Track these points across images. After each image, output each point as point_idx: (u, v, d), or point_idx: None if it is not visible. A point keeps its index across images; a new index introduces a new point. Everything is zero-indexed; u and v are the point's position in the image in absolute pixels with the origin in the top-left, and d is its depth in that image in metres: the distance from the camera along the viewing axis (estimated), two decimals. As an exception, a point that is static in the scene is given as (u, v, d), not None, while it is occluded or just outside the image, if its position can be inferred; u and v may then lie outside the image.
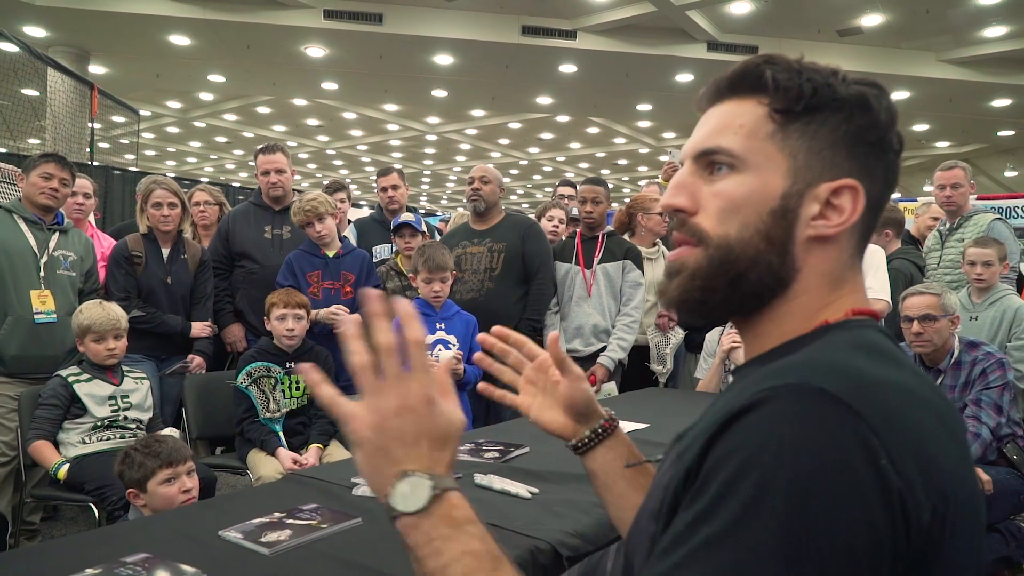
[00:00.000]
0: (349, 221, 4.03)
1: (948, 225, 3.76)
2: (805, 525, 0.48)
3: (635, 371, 3.46)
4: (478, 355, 1.01)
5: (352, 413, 0.64)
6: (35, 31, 8.72)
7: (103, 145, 8.40)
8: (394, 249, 3.52)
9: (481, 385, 1.04)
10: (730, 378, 3.05)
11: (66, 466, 2.34)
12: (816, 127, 0.64)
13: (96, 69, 10.25)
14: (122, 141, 9.37)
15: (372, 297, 0.62)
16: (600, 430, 0.96)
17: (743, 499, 0.50)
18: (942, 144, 13.72)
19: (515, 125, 14.37)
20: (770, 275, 0.65)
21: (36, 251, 2.82)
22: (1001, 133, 12.68)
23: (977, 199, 4.00)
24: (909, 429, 0.52)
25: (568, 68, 9.62)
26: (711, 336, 3.17)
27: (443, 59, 9.43)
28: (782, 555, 0.48)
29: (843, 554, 0.48)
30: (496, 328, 1.01)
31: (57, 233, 2.91)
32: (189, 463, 1.88)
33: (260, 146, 3.49)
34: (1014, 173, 15.45)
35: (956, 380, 2.68)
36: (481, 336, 1.00)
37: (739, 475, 0.50)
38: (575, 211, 3.81)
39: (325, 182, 4.52)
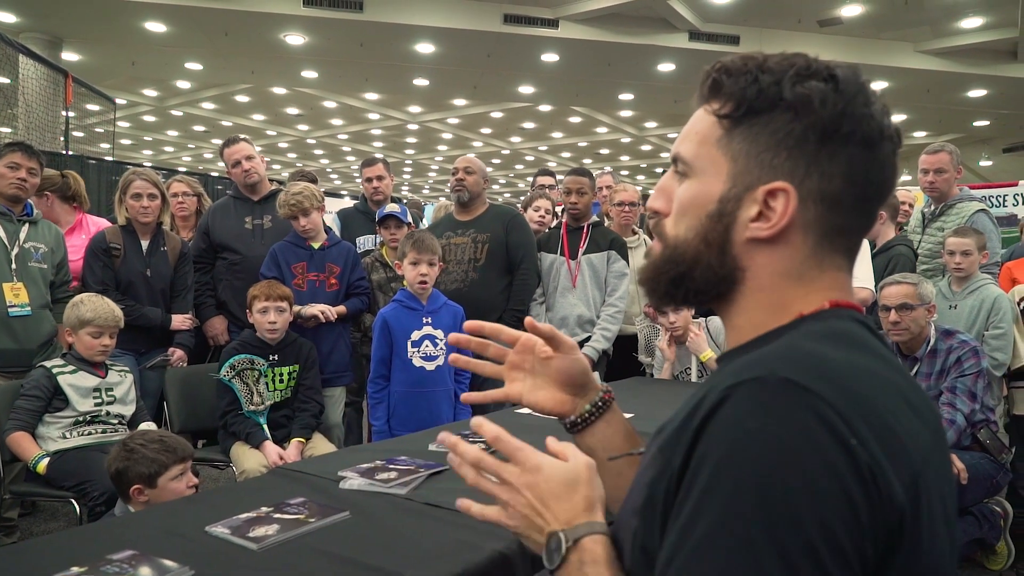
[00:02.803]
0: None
1: (932, 208, 3.66)
2: (783, 511, 0.50)
3: (622, 361, 3.48)
4: (453, 356, 0.99)
5: (495, 517, 0.75)
6: (5, 16, 8.50)
7: (78, 134, 8.25)
8: (379, 240, 3.51)
9: (464, 396, 1.00)
10: (692, 371, 3.09)
11: (46, 459, 2.31)
12: (759, 130, 0.65)
13: (69, 56, 10.03)
14: (97, 130, 9.20)
15: (447, 437, 0.77)
16: (601, 403, 0.93)
17: (723, 500, 0.52)
18: (919, 134, 13.90)
19: (497, 114, 14.30)
20: (711, 274, 0.68)
21: (6, 243, 2.77)
22: (977, 123, 12.87)
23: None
24: (874, 411, 0.54)
25: (550, 57, 9.59)
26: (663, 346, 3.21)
27: (424, 47, 9.35)
28: (767, 544, 0.49)
29: (825, 530, 0.49)
30: (468, 323, 0.98)
31: (27, 225, 2.86)
32: (192, 459, 1.90)
33: (222, 142, 3.45)
34: (989, 163, 15.70)
35: (932, 368, 2.73)
36: (453, 337, 0.97)
37: (716, 476, 0.53)
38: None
39: (286, 173, 4.46)
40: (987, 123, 12.79)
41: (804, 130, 0.63)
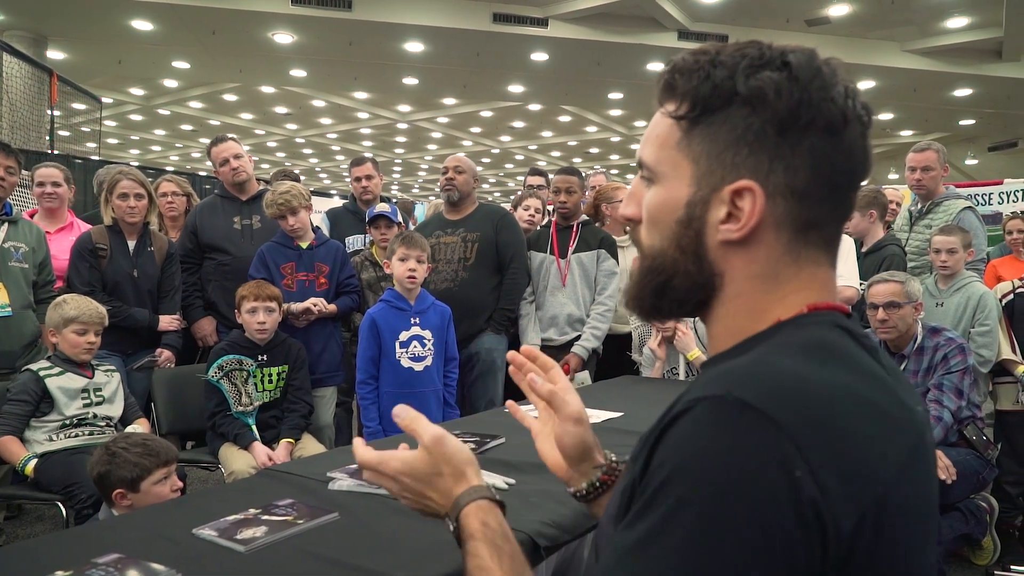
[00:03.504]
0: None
1: (919, 207, 3.69)
2: (717, 532, 0.50)
3: (615, 360, 3.47)
4: (513, 370, 0.99)
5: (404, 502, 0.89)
6: (-11, 15, 8.43)
7: (63, 133, 8.17)
8: (368, 240, 3.49)
9: (509, 403, 1.08)
10: (680, 369, 3.10)
11: (34, 461, 2.28)
12: (717, 128, 0.62)
13: (54, 54, 9.94)
14: (83, 129, 9.11)
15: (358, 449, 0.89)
16: (599, 484, 0.92)
17: (665, 510, 0.52)
18: (906, 132, 14.00)
19: (487, 113, 14.29)
20: (690, 281, 0.66)
21: None
22: (962, 122, 12.98)
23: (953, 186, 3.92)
24: (836, 436, 0.52)
25: (540, 56, 9.59)
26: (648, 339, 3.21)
27: (414, 46, 9.33)
28: (695, 560, 0.50)
29: (754, 560, 0.49)
30: (525, 348, 1.00)
31: (7, 224, 2.82)
32: (175, 462, 1.89)
33: (209, 142, 3.45)
34: (974, 161, 15.84)
35: (919, 365, 2.75)
36: (511, 354, 0.99)
37: (664, 487, 0.53)
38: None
39: (272, 172, 4.46)
40: (972, 122, 12.90)
41: (762, 124, 0.60)
